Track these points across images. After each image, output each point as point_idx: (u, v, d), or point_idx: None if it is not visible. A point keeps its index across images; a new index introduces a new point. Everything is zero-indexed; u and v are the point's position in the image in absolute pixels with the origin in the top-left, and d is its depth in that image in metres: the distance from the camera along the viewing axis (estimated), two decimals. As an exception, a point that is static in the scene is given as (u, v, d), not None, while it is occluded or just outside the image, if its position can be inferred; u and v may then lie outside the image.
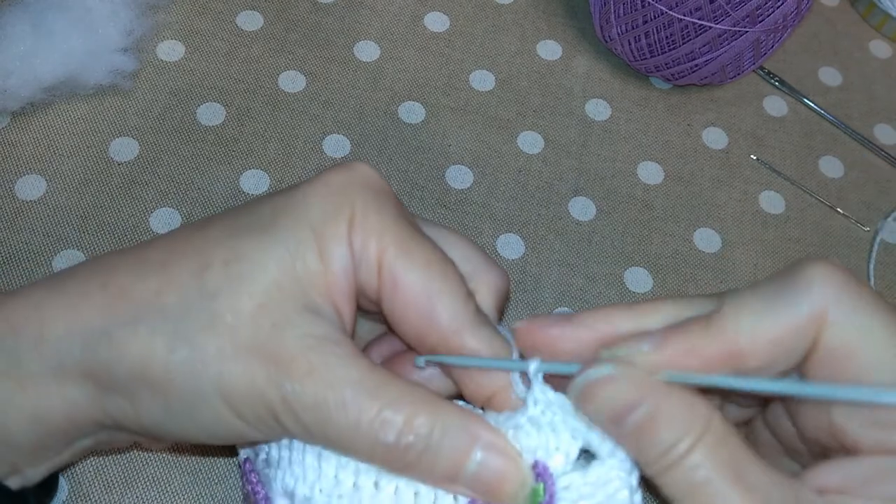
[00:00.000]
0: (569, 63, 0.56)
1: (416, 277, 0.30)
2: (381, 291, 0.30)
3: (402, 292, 0.30)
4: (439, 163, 0.50)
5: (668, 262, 0.49)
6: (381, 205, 0.30)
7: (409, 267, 0.30)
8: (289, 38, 0.54)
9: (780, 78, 0.57)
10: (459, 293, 0.30)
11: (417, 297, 0.30)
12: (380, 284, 0.30)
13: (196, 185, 0.47)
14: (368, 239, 0.30)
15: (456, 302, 0.30)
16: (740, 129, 0.55)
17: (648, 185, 0.52)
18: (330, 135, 0.50)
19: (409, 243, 0.30)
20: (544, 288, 0.47)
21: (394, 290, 0.30)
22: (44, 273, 0.43)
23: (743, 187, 0.52)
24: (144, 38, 0.51)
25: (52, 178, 0.46)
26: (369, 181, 0.31)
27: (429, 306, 0.30)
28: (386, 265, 0.30)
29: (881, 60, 0.60)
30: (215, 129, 0.50)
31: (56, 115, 0.48)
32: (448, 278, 0.30)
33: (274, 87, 0.52)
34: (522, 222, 0.49)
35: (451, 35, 0.56)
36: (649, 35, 0.51)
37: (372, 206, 0.30)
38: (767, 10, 0.48)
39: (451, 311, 0.30)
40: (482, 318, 0.31)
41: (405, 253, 0.30)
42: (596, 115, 0.54)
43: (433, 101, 0.53)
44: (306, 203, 0.30)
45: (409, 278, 0.30)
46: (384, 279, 0.30)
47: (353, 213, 0.30)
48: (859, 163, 0.55)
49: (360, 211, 0.30)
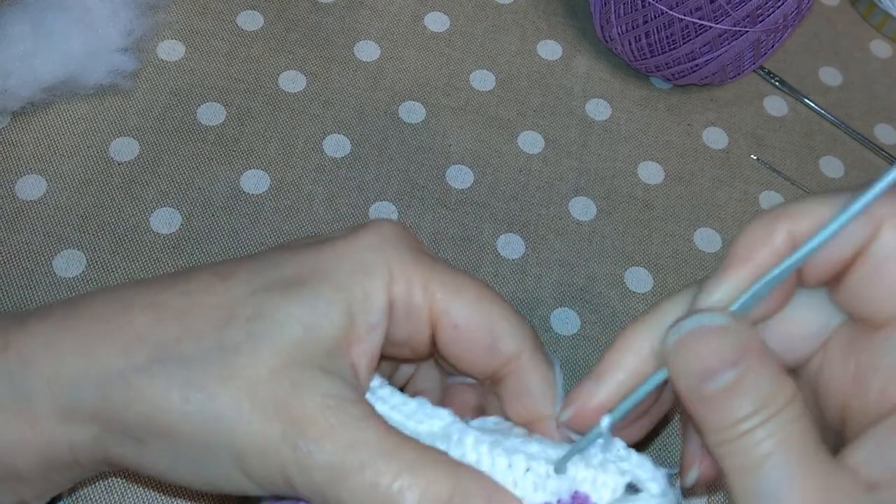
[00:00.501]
0: (569, 63, 0.56)
1: (474, 315, 0.30)
2: (439, 338, 0.31)
3: (464, 333, 0.30)
4: (440, 163, 0.50)
5: (669, 262, 0.49)
6: (416, 256, 0.31)
7: (465, 307, 0.30)
8: (289, 38, 0.54)
9: (781, 78, 0.57)
10: (515, 319, 0.31)
11: (480, 334, 0.30)
12: (438, 331, 0.30)
13: (196, 185, 0.47)
14: (413, 290, 0.30)
15: (514, 328, 0.31)
16: (740, 128, 0.55)
17: (649, 184, 0.52)
18: (330, 135, 0.50)
19: (455, 284, 0.31)
20: (545, 288, 0.47)
21: (455, 334, 0.30)
22: (44, 273, 0.43)
23: (743, 187, 0.52)
24: (144, 38, 0.51)
25: (53, 178, 0.46)
26: (399, 236, 0.31)
27: (492, 339, 0.30)
28: (441, 311, 0.30)
29: (881, 60, 0.60)
30: (215, 129, 0.50)
31: (56, 115, 0.48)
32: (501, 306, 0.31)
33: (274, 87, 0.52)
34: (523, 222, 0.49)
35: (452, 35, 0.56)
36: (649, 35, 0.51)
37: (408, 259, 0.30)
38: (768, 9, 0.48)
39: (512, 338, 0.31)
40: (536, 339, 0.32)
41: (455, 294, 0.30)
42: (596, 114, 0.54)
43: (433, 100, 0.53)
44: (336, 262, 0.30)
45: (468, 319, 0.30)
46: (444, 326, 0.30)
47: (391, 269, 0.30)
48: (859, 163, 0.55)
49: (398, 265, 0.30)
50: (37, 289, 0.43)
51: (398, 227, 0.31)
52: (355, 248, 0.30)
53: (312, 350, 0.28)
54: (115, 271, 0.44)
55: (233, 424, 0.27)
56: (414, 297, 0.30)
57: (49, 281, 0.43)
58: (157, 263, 0.45)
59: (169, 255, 0.45)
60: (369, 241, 0.30)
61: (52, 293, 0.43)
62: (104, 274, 0.44)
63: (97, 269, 0.44)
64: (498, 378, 0.32)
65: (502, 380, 0.32)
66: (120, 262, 0.44)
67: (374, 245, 0.30)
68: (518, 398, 0.31)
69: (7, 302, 0.42)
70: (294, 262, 0.30)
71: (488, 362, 0.31)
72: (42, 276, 0.43)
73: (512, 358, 0.31)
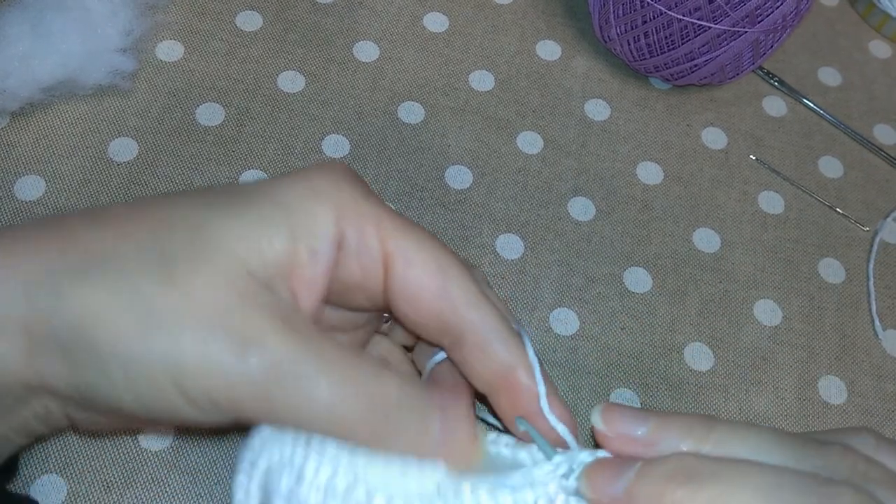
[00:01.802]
0: (568, 63, 0.56)
1: (425, 256, 0.29)
2: (389, 277, 0.30)
3: (416, 272, 0.29)
4: (439, 163, 0.50)
5: (668, 262, 0.49)
6: (367, 196, 0.30)
7: (416, 246, 0.29)
8: (288, 39, 0.54)
9: (780, 78, 0.57)
10: (466, 271, 0.30)
11: (431, 274, 0.30)
12: (388, 270, 0.30)
13: (195, 186, 0.47)
14: (366, 227, 0.29)
15: (465, 278, 0.30)
16: (739, 129, 0.55)
17: (648, 185, 0.52)
18: (329, 135, 0.50)
19: (408, 227, 0.30)
20: (544, 288, 0.47)
21: (406, 271, 0.29)
22: (43, 273, 0.43)
23: (742, 187, 0.52)
24: (143, 39, 0.51)
25: (52, 179, 0.46)
26: (351, 177, 0.30)
27: (443, 281, 0.30)
28: (393, 249, 0.29)
29: (881, 60, 0.60)
30: (215, 130, 0.50)
31: (55, 116, 0.48)
32: (453, 256, 0.30)
33: (273, 88, 0.52)
34: (522, 222, 0.49)
35: (451, 35, 0.56)
36: (648, 35, 0.51)
37: (360, 197, 0.30)
38: (767, 10, 0.48)
39: (462, 285, 0.30)
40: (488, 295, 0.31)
41: (407, 234, 0.30)
42: (595, 115, 0.54)
43: (433, 101, 0.53)
44: (284, 188, 0.29)
45: (420, 257, 0.29)
46: (395, 262, 0.29)
47: (342, 204, 0.29)
48: (859, 163, 0.55)
49: (351, 202, 0.29)
50: (36, 289, 0.43)
51: (350, 170, 0.31)
52: (305, 177, 0.29)
53: (254, 267, 0.27)
54: (114, 272, 0.44)
55: (173, 335, 0.26)
56: (366, 235, 0.29)
57: (48, 281, 0.43)
58: (156, 264, 0.45)
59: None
60: (320, 175, 0.30)
61: (51, 293, 0.43)
62: (103, 274, 0.44)
63: (96, 270, 0.44)
64: (457, 334, 0.30)
65: (462, 335, 0.30)
66: (119, 263, 0.44)
67: (325, 178, 0.30)
68: (483, 350, 0.30)
69: (6, 302, 0.42)
70: (244, 189, 0.29)
71: (439, 307, 0.30)
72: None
73: (465, 306, 0.30)
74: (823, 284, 0.49)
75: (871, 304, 0.49)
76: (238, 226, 0.28)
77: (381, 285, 0.30)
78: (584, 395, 0.43)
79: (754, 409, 0.44)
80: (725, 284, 0.48)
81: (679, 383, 0.45)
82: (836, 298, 0.49)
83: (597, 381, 0.44)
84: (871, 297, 0.49)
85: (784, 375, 0.46)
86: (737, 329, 0.47)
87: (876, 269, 0.50)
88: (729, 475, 0.27)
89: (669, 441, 0.29)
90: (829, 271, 0.50)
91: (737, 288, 0.48)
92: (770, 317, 0.47)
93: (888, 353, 0.47)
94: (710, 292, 0.48)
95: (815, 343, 0.47)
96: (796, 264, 0.50)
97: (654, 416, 0.29)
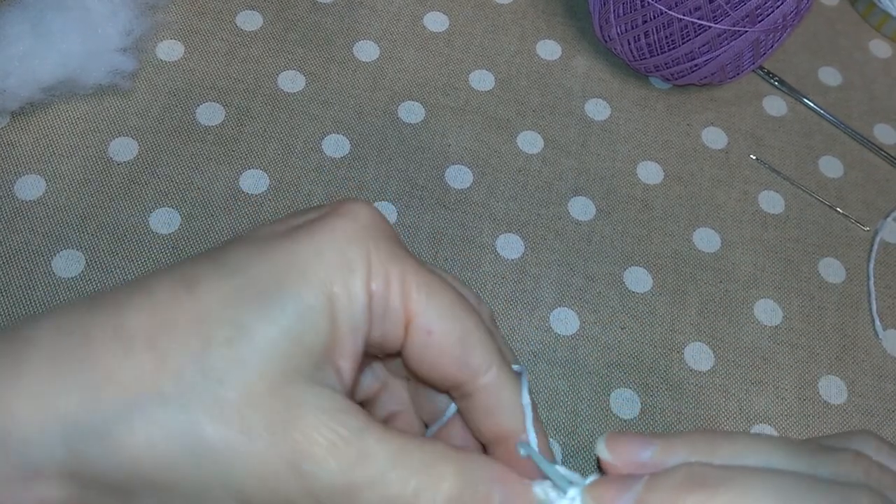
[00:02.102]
0: (568, 63, 0.56)
1: (448, 322, 0.28)
2: (409, 341, 0.29)
3: (437, 339, 0.29)
4: (439, 162, 0.50)
5: (668, 262, 0.49)
6: (393, 250, 0.28)
7: (439, 312, 0.28)
8: (288, 38, 0.54)
9: (780, 78, 0.57)
10: (485, 332, 0.30)
11: (452, 343, 0.29)
12: (408, 334, 0.29)
13: (196, 185, 0.47)
14: (390, 289, 0.28)
15: (485, 342, 0.29)
16: (740, 128, 0.55)
17: (648, 184, 0.51)
18: (329, 135, 0.50)
19: (432, 287, 0.29)
20: (544, 288, 0.47)
21: (428, 339, 0.28)
22: (43, 273, 0.43)
23: (742, 187, 0.52)
24: (144, 38, 0.51)
25: (52, 179, 0.46)
26: (376, 225, 0.28)
27: (463, 350, 0.29)
28: (416, 315, 0.28)
29: (881, 60, 0.60)
30: (215, 129, 0.50)
31: (55, 116, 0.48)
32: (474, 317, 0.29)
33: (273, 87, 0.52)
34: (522, 222, 0.49)
35: (451, 35, 0.56)
36: (649, 35, 0.51)
37: (386, 253, 0.28)
38: (767, 9, 0.48)
39: (482, 351, 0.29)
40: (502, 353, 0.31)
41: (431, 298, 0.28)
42: (595, 114, 0.54)
43: (433, 100, 0.53)
44: (313, 257, 0.27)
45: (442, 325, 0.28)
46: (416, 329, 0.28)
47: (370, 264, 0.27)
48: (859, 163, 0.55)
49: (377, 261, 0.27)
50: (36, 289, 0.43)
51: (375, 214, 0.29)
52: (334, 238, 0.27)
53: (300, 362, 0.26)
54: (115, 271, 0.44)
55: (230, 461, 0.25)
56: (391, 296, 0.28)
57: (48, 281, 0.43)
58: (157, 263, 0.45)
59: (168, 255, 0.45)
60: (348, 230, 0.27)
61: (52, 293, 0.43)
62: (103, 274, 0.44)
63: (96, 270, 0.44)
64: (466, 392, 0.30)
65: (471, 395, 0.30)
66: (119, 263, 0.44)
67: (353, 235, 0.27)
68: (489, 414, 0.30)
69: (6, 302, 0.42)
70: (266, 261, 0.27)
71: (455, 373, 0.29)
72: (41, 277, 0.43)
73: (480, 372, 0.29)
74: (823, 284, 0.49)
75: (872, 303, 0.49)
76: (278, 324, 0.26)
77: (399, 345, 0.29)
78: (584, 395, 0.43)
79: (754, 409, 0.44)
80: (726, 284, 0.48)
81: (679, 383, 0.45)
82: (836, 298, 0.49)
83: (597, 381, 0.44)
84: (871, 296, 0.49)
85: (784, 375, 0.46)
86: (737, 329, 0.47)
87: (876, 268, 0.50)
88: (743, 479, 0.26)
89: (677, 460, 0.28)
90: (830, 271, 0.50)
91: (737, 288, 0.48)
92: (770, 317, 0.47)
93: (888, 352, 0.47)
94: (710, 292, 0.48)
95: (816, 343, 0.47)
96: (796, 264, 0.50)
97: (658, 438, 0.29)
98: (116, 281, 0.44)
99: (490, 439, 0.31)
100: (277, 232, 0.28)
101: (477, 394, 0.30)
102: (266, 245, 0.27)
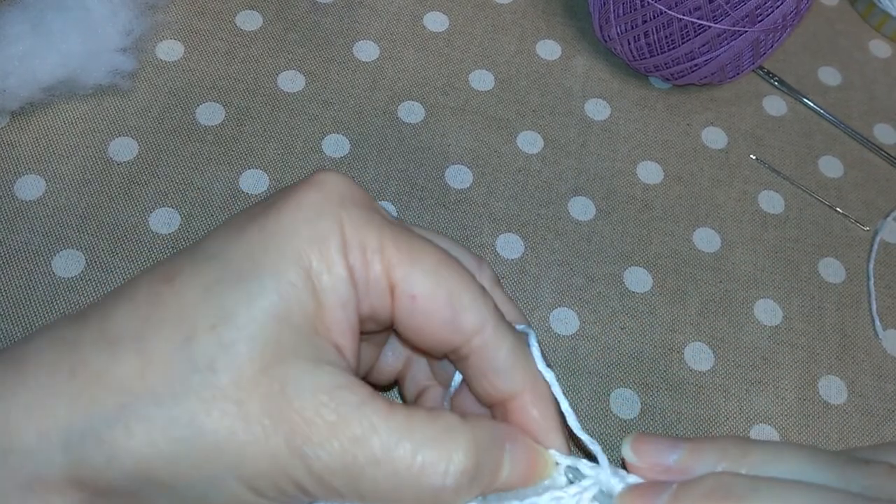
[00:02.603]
0: (568, 63, 0.56)
1: (432, 285, 0.28)
2: (396, 309, 0.28)
3: (422, 304, 0.28)
4: (439, 162, 0.50)
5: (668, 262, 0.49)
6: (368, 217, 0.27)
7: (422, 277, 0.28)
8: (288, 38, 0.54)
9: (780, 78, 0.57)
10: (477, 290, 0.29)
11: (439, 305, 0.28)
12: (394, 302, 0.28)
13: (195, 185, 0.47)
14: (370, 259, 0.27)
15: (476, 300, 0.28)
16: (740, 128, 0.55)
17: (648, 184, 0.52)
18: (329, 135, 0.50)
19: (413, 251, 0.28)
20: (544, 288, 0.47)
21: (412, 304, 0.28)
22: (43, 273, 0.43)
23: (742, 187, 0.52)
24: (143, 38, 0.51)
25: (52, 179, 0.46)
26: (346, 193, 0.28)
27: (452, 312, 0.28)
28: (398, 281, 0.27)
29: (881, 60, 0.60)
30: (214, 129, 0.50)
31: (55, 116, 0.48)
32: (462, 276, 0.28)
33: (273, 87, 0.52)
34: (522, 222, 0.49)
35: (451, 35, 0.56)
36: (648, 35, 0.51)
37: (360, 220, 0.27)
38: (767, 9, 0.48)
39: (473, 310, 0.28)
40: (499, 311, 0.30)
41: (413, 262, 0.28)
42: (595, 114, 0.54)
43: (433, 100, 0.53)
44: (285, 236, 0.26)
45: (426, 288, 0.28)
46: (400, 295, 0.28)
47: (344, 235, 0.27)
48: (859, 162, 0.55)
49: (351, 231, 0.27)
50: (36, 289, 0.43)
51: (345, 182, 0.28)
52: (304, 211, 0.27)
53: (289, 341, 0.25)
54: (115, 271, 0.44)
55: (232, 450, 0.25)
56: (371, 266, 0.27)
57: (48, 281, 0.43)
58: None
59: (168, 255, 0.45)
60: (317, 201, 0.27)
61: (52, 293, 0.43)
62: (103, 274, 0.44)
63: (96, 269, 0.44)
64: (462, 355, 0.29)
65: (467, 357, 0.29)
66: (119, 262, 0.44)
67: (323, 207, 0.27)
68: (485, 376, 0.29)
69: (6, 302, 0.42)
70: (242, 244, 0.26)
71: (448, 337, 0.28)
72: (41, 277, 0.43)
73: (474, 333, 0.28)
74: (823, 284, 0.49)
75: (872, 303, 0.49)
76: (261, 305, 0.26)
77: (389, 314, 0.29)
78: (585, 395, 0.43)
79: (754, 409, 0.44)
80: (725, 284, 0.48)
81: (679, 383, 0.45)
82: (836, 298, 0.49)
83: (597, 381, 0.44)
84: (871, 296, 0.49)
85: (784, 375, 0.46)
86: (737, 329, 0.47)
87: (876, 268, 0.50)
88: (770, 491, 0.25)
89: (704, 466, 0.28)
90: (830, 271, 0.50)
91: (737, 288, 0.48)
92: (770, 316, 0.47)
93: (888, 352, 0.47)
94: (710, 292, 0.48)
95: (815, 343, 0.47)
96: (796, 264, 0.50)
97: (685, 442, 0.28)
98: (116, 281, 0.44)
99: (490, 402, 0.30)
100: (253, 213, 0.27)
101: (472, 356, 0.29)
102: (241, 228, 0.27)
